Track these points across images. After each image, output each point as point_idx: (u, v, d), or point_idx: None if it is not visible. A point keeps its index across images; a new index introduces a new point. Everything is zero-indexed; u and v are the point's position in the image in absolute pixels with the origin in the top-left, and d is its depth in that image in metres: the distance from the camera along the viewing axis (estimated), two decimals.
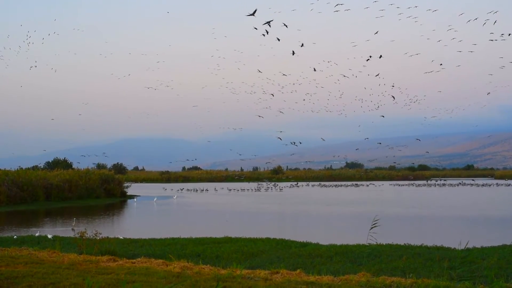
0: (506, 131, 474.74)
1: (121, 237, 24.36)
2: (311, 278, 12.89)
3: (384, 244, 20.85)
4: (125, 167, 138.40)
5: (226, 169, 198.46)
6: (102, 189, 63.92)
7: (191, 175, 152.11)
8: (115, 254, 17.35)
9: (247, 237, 24.33)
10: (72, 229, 30.90)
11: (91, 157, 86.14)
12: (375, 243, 19.57)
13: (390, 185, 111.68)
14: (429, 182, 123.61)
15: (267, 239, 23.43)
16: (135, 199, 63.18)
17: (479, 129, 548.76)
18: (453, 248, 19.96)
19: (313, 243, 22.50)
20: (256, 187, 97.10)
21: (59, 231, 30.80)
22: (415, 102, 58.25)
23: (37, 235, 25.93)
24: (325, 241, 23.12)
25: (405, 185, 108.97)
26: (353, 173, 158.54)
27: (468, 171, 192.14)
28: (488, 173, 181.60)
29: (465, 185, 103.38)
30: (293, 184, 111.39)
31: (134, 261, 15.62)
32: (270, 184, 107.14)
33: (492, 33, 28.77)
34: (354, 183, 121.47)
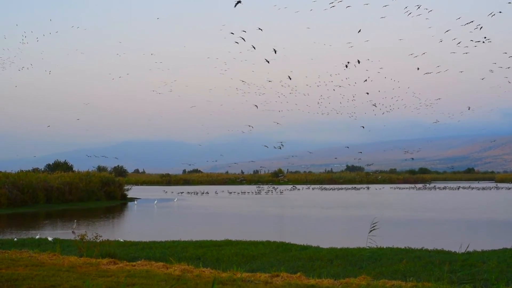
0: (506, 134, 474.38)
1: (121, 240, 24.35)
2: (312, 281, 12.88)
3: (384, 247, 20.83)
4: (125, 170, 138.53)
5: (226, 172, 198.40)
6: (102, 191, 63.91)
7: (192, 178, 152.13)
8: (115, 256, 17.34)
9: (248, 240, 24.30)
10: (72, 232, 30.86)
11: (98, 158, 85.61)
12: (376, 247, 19.55)
13: (390, 188, 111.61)
14: (427, 185, 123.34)
15: (268, 242, 23.41)
16: (136, 202, 63.18)
17: (479, 133, 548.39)
18: (453, 251, 19.93)
19: (314, 246, 22.48)
20: (256, 190, 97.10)
21: (60, 233, 30.79)
22: (427, 106, 58.44)
23: (37, 237, 25.91)
24: (325, 244, 23.10)
25: (405, 188, 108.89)
26: (354, 176, 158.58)
27: (468, 175, 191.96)
28: (488, 177, 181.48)
29: (466, 188, 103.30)
30: (293, 187, 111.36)
31: (134, 263, 15.63)
32: (270, 187, 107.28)
33: (487, 38, 28.66)
34: (353, 186, 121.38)
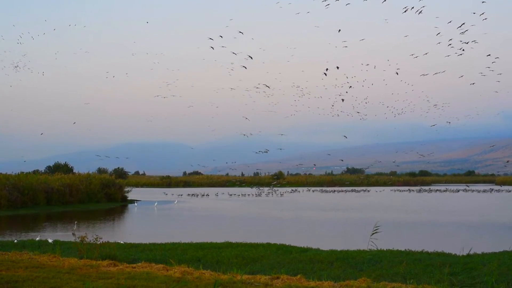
0: (507, 137, 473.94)
1: (121, 242, 24.33)
2: (312, 283, 12.87)
3: (384, 249, 20.81)
4: (126, 172, 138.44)
5: (227, 174, 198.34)
6: (102, 193, 63.89)
7: (192, 180, 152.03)
8: (116, 258, 17.33)
9: (248, 242, 24.30)
10: (72, 234, 30.78)
11: (102, 159, 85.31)
12: (376, 249, 19.54)
13: (391, 190, 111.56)
14: (421, 188, 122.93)
15: (268, 244, 23.40)
16: (136, 204, 63.13)
17: (479, 135, 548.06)
18: (454, 254, 19.93)
19: (314, 248, 22.47)
20: (256, 192, 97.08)
21: (60, 235, 30.77)
22: (438, 108, 58.37)
23: (37, 239, 25.90)
24: (325, 246, 23.09)
25: (405, 191, 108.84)
26: (354, 178, 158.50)
27: (469, 177, 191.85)
28: (489, 179, 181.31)
29: (466, 191, 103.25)
30: (293, 189, 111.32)
31: (134, 265, 15.62)
32: (271, 189, 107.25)
33: (475, 41, 28.64)
34: (353, 188, 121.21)
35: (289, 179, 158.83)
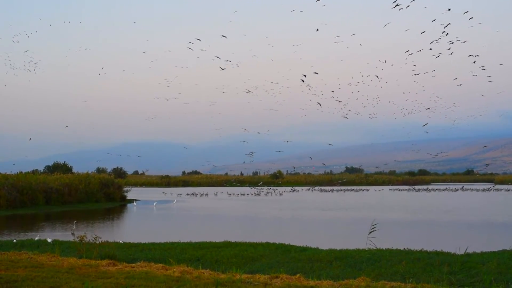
0: (505, 136, 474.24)
1: (120, 241, 24.32)
2: (311, 282, 12.89)
3: (383, 249, 20.82)
4: (125, 171, 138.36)
5: (226, 174, 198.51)
6: (102, 193, 63.86)
7: (191, 180, 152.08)
8: (115, 258, 17.33)
9: (247, 241, 24.30)
10: (72, 233, 30.84)
11: (110, 156, 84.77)
12: (375, 248, 19.57)
13: (390, 190, 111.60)
14: (411, 188, 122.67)
15: (267, 244, 23.41)
16: (135, 203, 63.13)
17: (478, 134, 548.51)
18: (452, 253, 19.93)
19: (313, 247, 22.47)
20: (256, 191, 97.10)
21: (59, 235, 30.75)
22: (447, 109, 58.67)
23: (36, 239, 25.86)
24: (324, 245, 23.10)
25: (404, 190, 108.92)
26: (353, 177, 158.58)
27: (468, 176, 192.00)
28: (488, 178, 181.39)
29: (465, 190, 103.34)
30: (292, 189, 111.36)
31: (133, 265, 15.63)
32: (270, 188, 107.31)
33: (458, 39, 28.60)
34: (352, 188, 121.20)
35: (288, 178, 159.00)
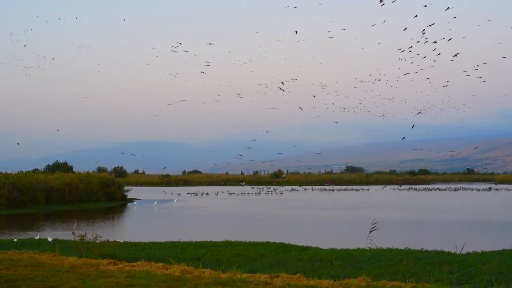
0: (506, 135, 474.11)
1: (121, 241, 24.33)
2: (311, 282, 12.89)
3: (384, 248, 20.83)
4: (125, 171, 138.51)
5: (226, 173, 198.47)
6: (102, 192, 63.86)
7: (192, 179, 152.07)
8: (115, 257, 17.33)
9: (247, 241, 24.30)
10: (72, 232, 30.85)
11: (111, 156, 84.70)
12: (375, 248, 19.53)
13: (390, 189, 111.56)
14: (401, 187, 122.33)
15: (267, 243, 23.41)
16: (135, 203, 63.14)
17: (479, 134, 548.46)
18: (453, 252, 19.93)
19: (313, 247, 22.48)
20: (256, 191, 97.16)
21: (59, 234, 30.77)
22: (457, 109, 58.50)
23: (37, 238, 25.87)
24: (325, 245, 23.10)
25: (405, 189, 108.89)
26: (354, 177, 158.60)
27: (468, 176, 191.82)
28: (488, 178, 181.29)
29: (465, 189, 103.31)
30: (293, 188, 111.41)
31: (134, 264, 15.63)
32: (270, 188, 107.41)
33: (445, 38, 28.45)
34: (352, 187, 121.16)
35: (288, 178, 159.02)
